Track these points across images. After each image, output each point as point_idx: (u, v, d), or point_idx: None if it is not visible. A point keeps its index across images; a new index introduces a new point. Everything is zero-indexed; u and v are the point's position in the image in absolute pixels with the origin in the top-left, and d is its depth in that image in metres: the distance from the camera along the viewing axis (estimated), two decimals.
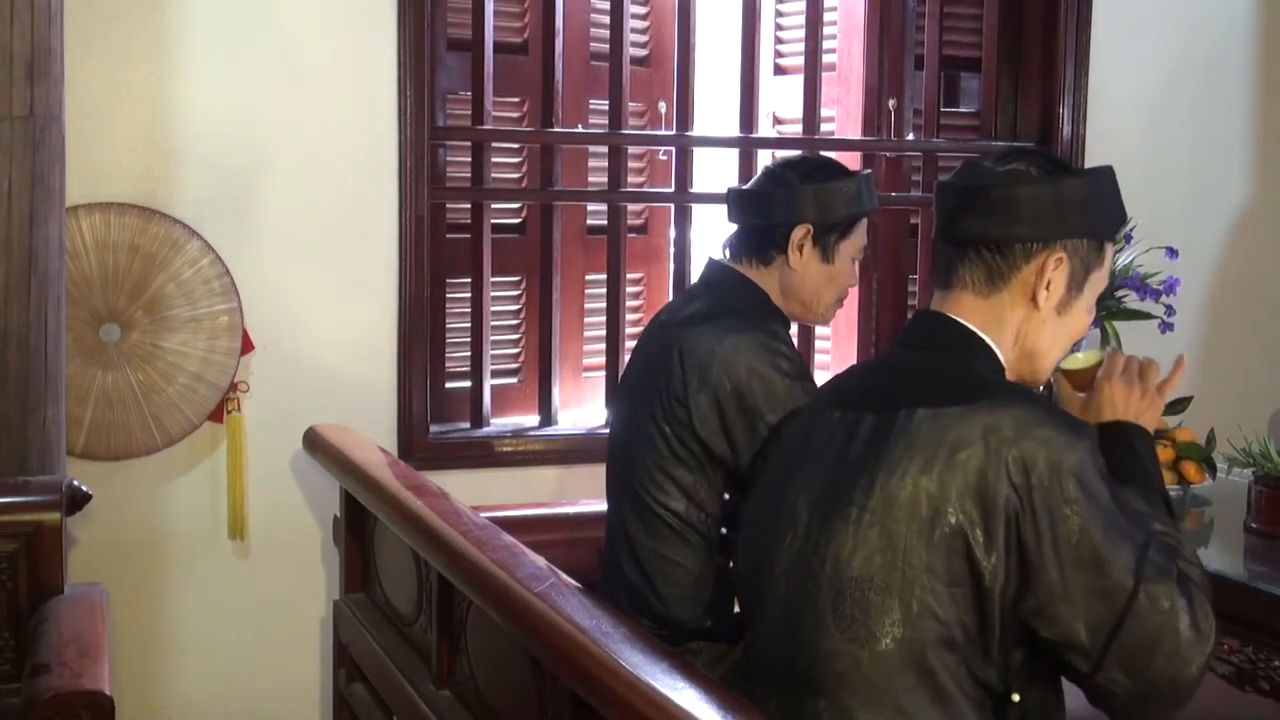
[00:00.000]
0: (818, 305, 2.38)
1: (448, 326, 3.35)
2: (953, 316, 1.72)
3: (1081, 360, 1.93)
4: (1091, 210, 1.72)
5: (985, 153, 3.50)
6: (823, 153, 3.10)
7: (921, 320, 1.76)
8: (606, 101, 3.44)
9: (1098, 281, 1.76)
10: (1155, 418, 1.84)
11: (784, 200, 2.33)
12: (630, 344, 3.58)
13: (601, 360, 3.51)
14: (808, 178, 2.33)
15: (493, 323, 3.38)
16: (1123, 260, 2.81)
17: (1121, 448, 1.78)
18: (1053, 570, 1.54)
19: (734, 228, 2.42)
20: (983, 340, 1.71)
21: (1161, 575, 1.56)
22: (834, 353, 3.73)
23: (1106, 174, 1.75)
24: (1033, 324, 1.72)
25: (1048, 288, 1.70)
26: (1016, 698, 1.59)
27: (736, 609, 2.21)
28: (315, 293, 3.08)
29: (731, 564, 2.07)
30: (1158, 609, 1.55)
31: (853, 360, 3.60)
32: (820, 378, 2.36)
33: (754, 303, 2.34)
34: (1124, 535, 1.56)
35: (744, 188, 2.44)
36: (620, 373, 3.45)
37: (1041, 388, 1.91)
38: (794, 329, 2.49)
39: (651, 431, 2.28)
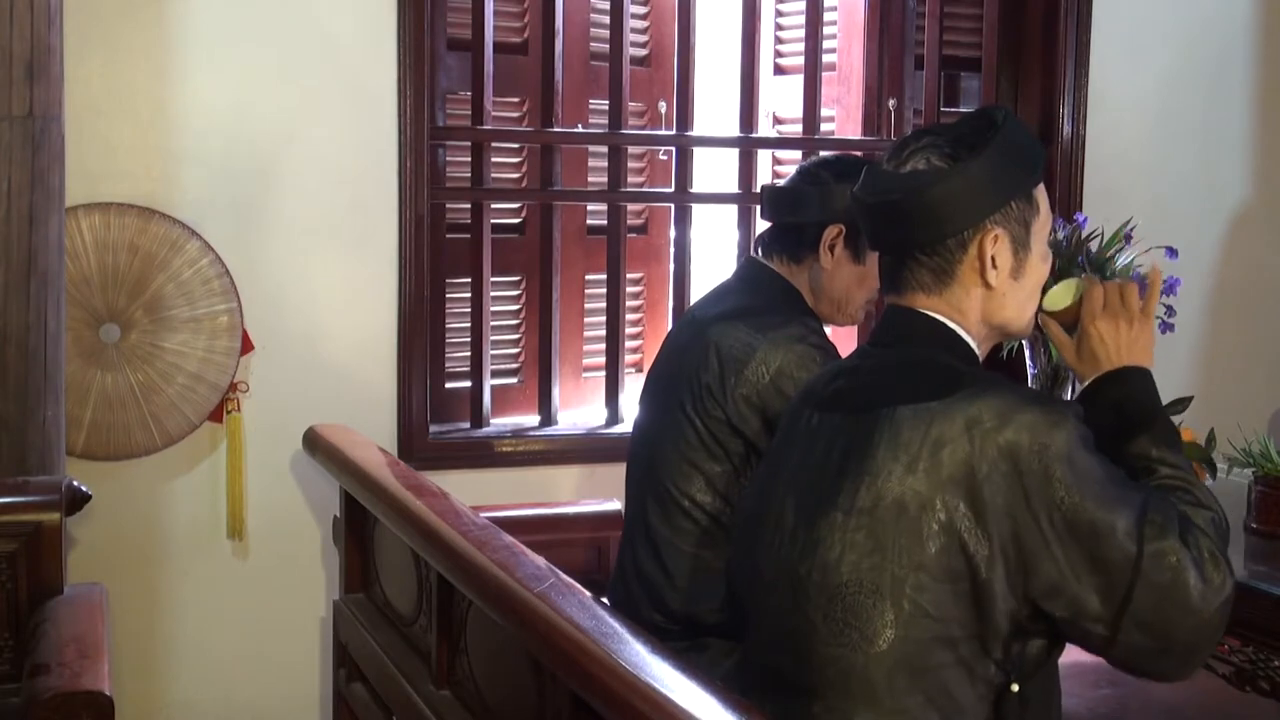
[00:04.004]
0: (848, 306, 2.37)
1: (448, 326, 3.35)
2: (921, 310, 1.70)
3: (1061, 297, 1.86)
4: (1008, 174, 1.67)
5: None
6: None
7: (891, 317, 1.74)
8: (606, 101, 3.45)
9: (1041, 228, 1.72)
10: (1148, 340, 1.79)
11: (817, 199, 2.32)
12: (630, 344, 3.59)
13: (601, 360, 3.50)
14: (842, 176, 2.30)
15: (493, 323, 3.38)
16: (1122, 260, 2.80)
17: (1123, 398, 1.74)
18: (1056, 550, 1.54)
19: (769, 225, 2.40)
20: (952, 330, 1.70)
21: (1164, 533, 1.55)
22: None
23: (1007, 128, 1.67)
24: (993, 301, 1.70)
25: (995, 265, 1.67)
26: (1016, 688, 1.59)
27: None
28: (315, 293, 3.08)
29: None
30: (1165, 567, 1.54)
31: None
32: None
33: (788, 300, 2.34)
34: (1120, 502, 1.55)
35: (778, 185, 2.43)
36: (619, 373, 3.46)
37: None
38: None
39: (681, 423, 2.28)
